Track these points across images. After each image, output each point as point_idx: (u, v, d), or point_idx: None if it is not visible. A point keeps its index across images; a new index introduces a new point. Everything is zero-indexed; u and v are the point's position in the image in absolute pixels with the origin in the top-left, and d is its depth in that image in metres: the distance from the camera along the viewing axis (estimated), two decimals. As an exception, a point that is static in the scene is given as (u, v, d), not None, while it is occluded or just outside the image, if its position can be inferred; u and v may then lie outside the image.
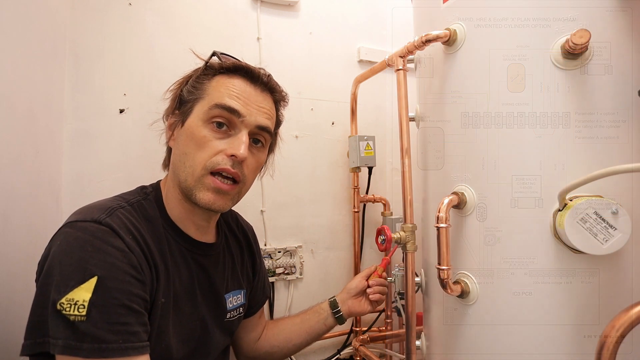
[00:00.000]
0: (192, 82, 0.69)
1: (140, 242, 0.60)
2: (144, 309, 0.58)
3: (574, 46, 0.62)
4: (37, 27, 0.90)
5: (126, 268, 0.55)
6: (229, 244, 0.80)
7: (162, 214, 0.67)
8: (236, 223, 0.86)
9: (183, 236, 0.68)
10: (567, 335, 0.65)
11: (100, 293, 0.52)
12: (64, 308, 0.51)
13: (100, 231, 0.56)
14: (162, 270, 0.63)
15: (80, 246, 0.54)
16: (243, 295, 0.81)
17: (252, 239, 0.88)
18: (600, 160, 0.65)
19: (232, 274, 0.79)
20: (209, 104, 0.65)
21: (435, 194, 0.86)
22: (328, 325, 0.90)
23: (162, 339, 0.62)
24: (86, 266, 0.53)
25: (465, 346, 0.76)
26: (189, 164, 0.64)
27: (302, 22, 1.41)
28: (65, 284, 0.52)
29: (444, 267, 0.71)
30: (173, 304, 0.64)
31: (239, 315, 0.80)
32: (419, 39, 0.80)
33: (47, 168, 0.96)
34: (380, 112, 1.53)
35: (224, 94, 0.65)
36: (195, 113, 0.66)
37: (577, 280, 0.65)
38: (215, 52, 0.70)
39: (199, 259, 0.70)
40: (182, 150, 0.65)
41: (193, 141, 0.64)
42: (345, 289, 0.94)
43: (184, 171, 0.64)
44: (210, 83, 0.67)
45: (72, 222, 0.57)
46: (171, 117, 0.71)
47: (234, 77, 0.67)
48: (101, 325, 0.51)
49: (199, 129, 0.64)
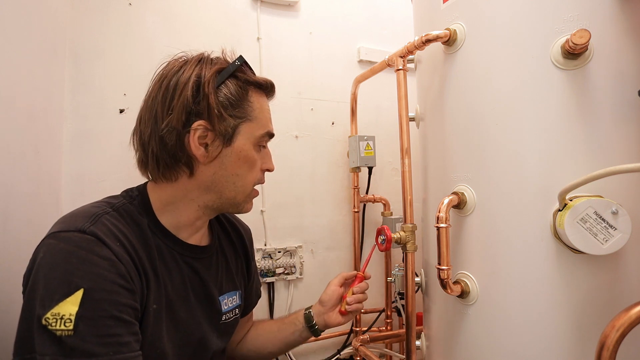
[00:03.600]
0: (228, 96, 0.63)
1: (129, 248, 0.58)
2: (134, 318, 0.56)
3: (574, 46, 0.62)
4: (37, 27, 0.90)
5: (114, 278, 0.54)
6: (223, 245, 0.80)
7: (149, 217, 0.65)
8: (231, 224, 0.85)
9: (173, 239, 0.67)
10: (567, 335, 0.65)
11: (88, 306, 0.50)
12: (50, 323, 0.49)
13: (85, 241, 0.54)
14: (151, 276, 0.61)
15: (65, 258, 0.52)
16: (239, 297, 0.80)
17: (247, 240, 0.87)
18: (600, 160, 0.65)
19: (226, 276, 0.78)
20: (260, 130, 0.68)
21: (435, 194, 0.86)
22: (304, 337, 0.88)
23: (156, 346, 0.61)
24: (71, 279, 0.51)
25: (465, 346, 0.76)
26: (241, 184, 0.68)
27: (302, 22, 1.42)
28: (50, 298, 0.50)
29: (444, 267, 0.71)
30: (166, 310, 0.63)
31: (236, 316, 0.79)
32: (419, 39, 0.80)
33: (47, 168, 0.96)
34: (380, 112, 1.53)
35: (268, 119, 0.70)
36: (244, 135, 0.66)
37: (577, 280, 0.65)
38: (242, 59, 0.67)
39: (190, 262, 0.69)
40: (232, 171, 0.66)
41: (247, 164, 0.67)
42: (320, 301, 0.89)
43: (234, 190, 0.68)
44: (251, 103, 0.67)
45: (55, 232, 0.55)
46: (201, 129, 0.62)
47: (263, 95, 0.71)
48: (90, 339, 0.50)
49: (252, 153, 0.68)
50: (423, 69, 0.92)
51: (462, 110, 0.77)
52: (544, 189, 0.67)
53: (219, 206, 0.69)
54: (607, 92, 0.66)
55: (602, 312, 0.65)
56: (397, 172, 1.55)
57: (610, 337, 0.48)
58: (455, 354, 0.78)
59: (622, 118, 0.66)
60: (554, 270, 0.66)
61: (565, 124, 0.66)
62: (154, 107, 0.64)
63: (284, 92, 1.38)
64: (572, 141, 0.66)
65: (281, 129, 1.36)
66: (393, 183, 1.54)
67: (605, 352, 0.48)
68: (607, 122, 0.66)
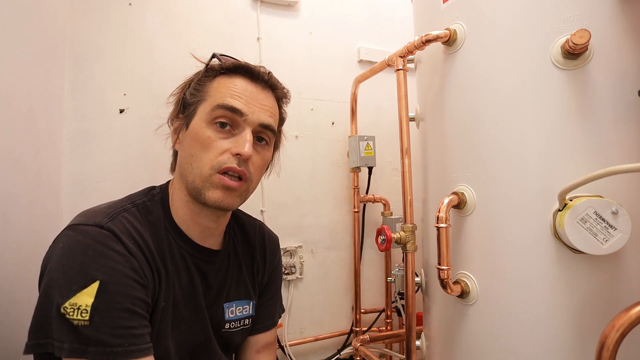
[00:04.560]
0: (194, 85, 0.69)
1: (142, 246, 0.60)
2: (146, 312, 0.58)
3: (574, 46, 0.62)
4: (37, 27, 0.90)
5: (128, 272, 0.56)
6: (238, 251, 0.78)
7: (166, 216, 0.67)
8: (256, 230, 0.83)
9: (185, 240, 0.68)
10: (567, 335, 0.65)
11: (103, 298, 0.52)
12: (68, 312, 0.51)
13: (102, 235, 0.56)
14: (163, 273, 0.63)
15: (82, 250, 0.54)
16: (252, 307, 0.77)
17: (270, 250, 0.83)
18: (600, 160, 0.65)
19: (237, 282, 0.76)
20: (211, 105, 0.65)
21: (435, 194, 0.86)
22: None
23: (162, 342, 0.62)
24: (88, 271, 0.53)
25: (465, 346, 0.76)
26: (196, 165, 0.64)
27: (302, 22, 1.42)
28: (68, 288, 0.52)
29: (444, 267, 0.71)
30: (172, 308, 0.64)
31: (244, 327, 0.76)
32: (419, 39, 0.80)
33: (47, 168, 0.96)
34: (380, 112, 1.53)
35: (226, 94, 0.65)
36: (198, 115, 0.66)
37: (577, 280, 0.65)
38: (215, 54, 0.70)
39: (199, 264, 0.69)
40: (188, 152, 0.66)
41: (198, 142, 0.64)
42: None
43: (192, 172, 0.65)
44: (212, 84, 0.67)
45: (75, 224, 0.58)
46: (176, 121, 0.71)
47: (235, 77, 0.68)
48: (104, 330, 0.52)
49: (203, 130, 0.64)
50: (423, 69, 0.92)
51: (462, 110, 0.77)
52: (544, 189, 0.67)
53: (189, 193, 0.66)
54: (607, 92, 0.66)
55: (602, 312, 0.65)
56: (397, 172, 1.55)
57: (610, 337, 0.48)
58: (455, 354, 0.78)
59: (622, 118, 0.66)
60: (554, 270, 0.66)
61: (565, 124, 0.66)
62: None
63: (284, 92, 1.38)
64: (572, 141, 0.66)
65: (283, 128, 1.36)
66: (393, 183, 1.54)
67: (605, 352, 0.48)
68: (607, 122, 0.66)
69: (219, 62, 0.69)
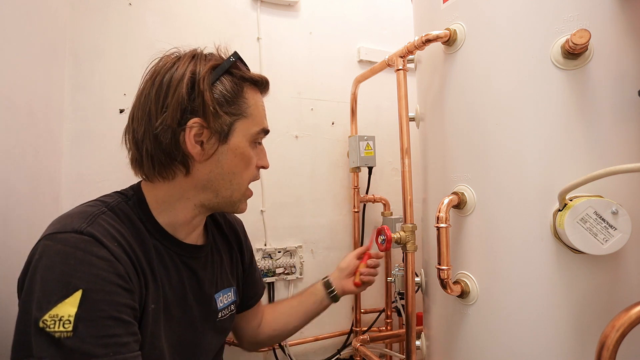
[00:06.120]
0: (223, 92, 0.63)
1: (126, 248, 0.57)
2: (133, 319, 0.55)
3: (574, 46, 0.62)
4: (37, 27, 0.90)
5: (112, 278, 0.53)
6: (217, 242, 0.80)
7: (146, 217, 0.65)
8: (224, 219, 0.85)
9: (171, 240, 0.67)
10: (567, 335, 0.65)
11: (86, 306, 0.50)
12: (48, 325, 0.48)
13: (82, 241, 0.53)
14: (149, 276, 0.61)
15: (62, 260, 0.51)
16: (233, 293, 0.81)
17: (241, 233, 0.88)
18: (600, 160, 0.65)
19: (221, 273, 0.78)
20: (255, 127, 0.67)
21: (435, 194, 0.86)
22: (324, 305, 0.96)
23: (156, 346, 0.61)
24: (69, 280, 0.50)
25: (465, 346, 0.76)
26: (237, 182, 0.67)
27: (302, 22, 1.42)
28: (47, 300, 0.49)
29: (444, 267, 0.71)
30: (163, 309, 0.63)
31: (231, 312, 0.80)
32: (419, 39, 0.80)
33: (47, 168, 0.96)
34: (380, 112, 1.53)
35: (263, 116, 0.70)
36: (240, 132, 0.65)
37: (577, 280, 0.65)
38: (237, 54, 0.67)
39: (188, 262, 0.69)
40: (228, 169, 0.66)
41: (243, 162, 0.67)
42: (338, 269, 0.99)
43: (229, 188, 0.67)
44: (246, 99, 0.66)
45: (51, 233, 0.54)
46: (196, 127, 0.61)
47: (257, 92, 0.70)
48: (89, 340, 0.49)
49: (248, 150, 0.67)
50: (423, 69, 0.92)
51: (462, 110, 0.77)
52: (544, 189, 0.67)
53: (215, 205, 0.68)
54: (607, 92, 0.66)
55: (602, 312, 0.65)
56: (397, 172, 1.55)
57: (610, 337, 0.48)
58: (455, 354, 0.78)
59: (622, 118, 0.66)
60: (554, 270, 0.66)
61: (565, 124, 0.66)
62: (147, 105, 0.62)
63: (284, 92, 1.38)
64: (572, 141, 0.66)
65: (281, 129, 1.36)
66: (393, 183, 1.54)
67: (605, 352, 0.48)
68: (607, 122, 0.66)
69: (233, 62, 0.66)
